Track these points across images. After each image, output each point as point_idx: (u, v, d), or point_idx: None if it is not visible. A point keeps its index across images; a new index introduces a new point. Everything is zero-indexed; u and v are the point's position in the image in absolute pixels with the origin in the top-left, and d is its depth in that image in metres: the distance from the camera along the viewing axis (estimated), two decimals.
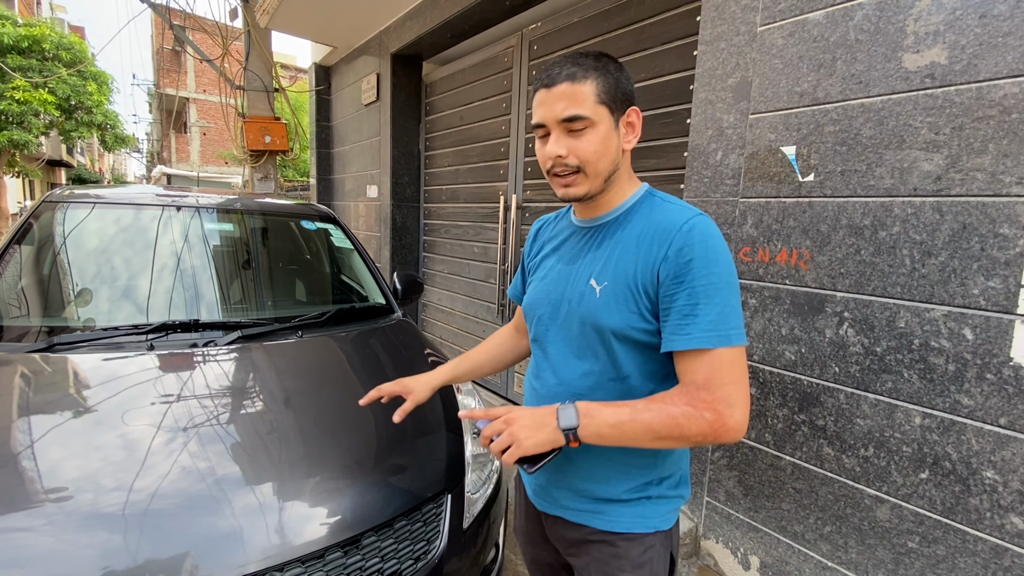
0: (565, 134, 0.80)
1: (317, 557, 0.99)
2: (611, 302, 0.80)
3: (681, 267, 0.76)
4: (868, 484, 1.45)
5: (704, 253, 0.76)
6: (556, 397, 0.84)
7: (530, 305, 0.95)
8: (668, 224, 0.79)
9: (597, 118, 0.79)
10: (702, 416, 0.72)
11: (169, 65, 21.55)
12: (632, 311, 0.79)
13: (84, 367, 1.38)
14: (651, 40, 2.29)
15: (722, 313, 0.74)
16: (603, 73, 0.81)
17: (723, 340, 0.74)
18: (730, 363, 0.74)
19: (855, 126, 1.42)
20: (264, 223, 2.17)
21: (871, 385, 1.42)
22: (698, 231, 0.77)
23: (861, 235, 1.42)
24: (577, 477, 0.87)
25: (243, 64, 4.93)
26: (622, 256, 0.82)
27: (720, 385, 0.73)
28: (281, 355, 1.56)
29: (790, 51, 1.54)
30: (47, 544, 0.90)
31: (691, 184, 1.84)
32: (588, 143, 0.80)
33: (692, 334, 0.74)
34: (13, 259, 1.65)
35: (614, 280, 0.81)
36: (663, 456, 0.88)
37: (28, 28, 11.41)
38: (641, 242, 0.81)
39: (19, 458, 1.06)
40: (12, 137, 11.13)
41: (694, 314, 0.74)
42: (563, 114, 0.79)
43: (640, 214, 0.85)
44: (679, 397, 0.74)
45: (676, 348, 0.75)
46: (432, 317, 4.32)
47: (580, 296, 0.84)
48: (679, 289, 0.76)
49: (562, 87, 0.79)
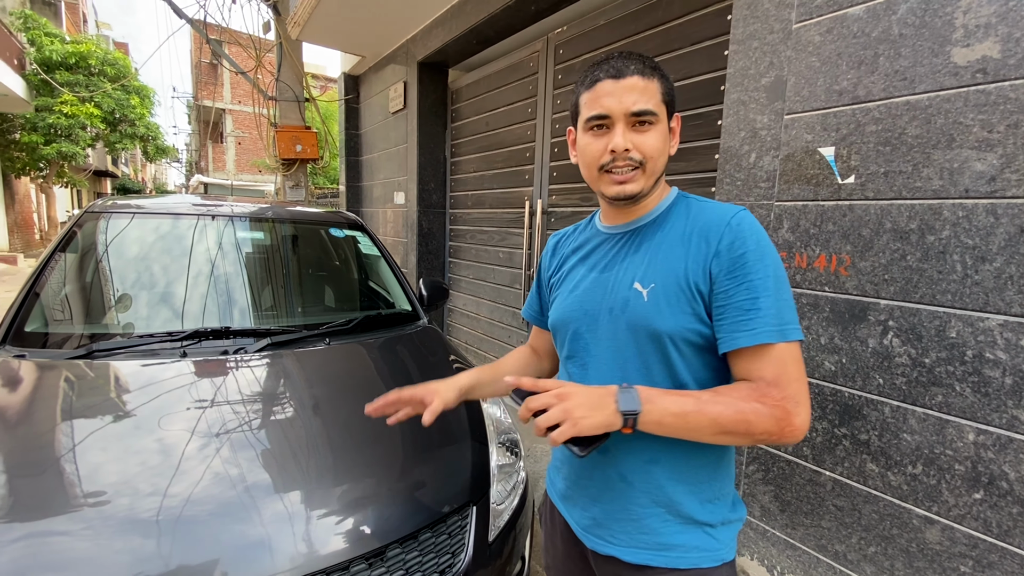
0: (629, 128, 0.78)
1: (342, 569, 0.98)
2: (662, 304, 0.76)
3: (734, 261, 0.73)
4: (916, 503, 1.37)
5: (756, 246, 0.74)
6: None
7: (562, 320, 0.89)
8: (715, 220, 0.77)
9: (661, 116, 0.79)
10: (772, 414, 0.68)
11: (207, 78, 22.37)
12: (685, 312, 0.76)
13: (120, 373, 1.42)
14: (680, 41, 2.24)
15: (781, 307, 0.72)
16: (662, 74, 0.80)
17: (785, 334, 0.71)
18: (793, 360, 0.71)
19: (899, 125, 1.35)
20: (293, 231, 2.21)
21: (919, 398, 1.35)
22: (747, 224, 0.75)
23: (907, 239, 1.35)
24: (638, 504, 0.80)
25: (275, 75, 5.06)
26: (668, 256, 0.79)
27: (788, 382, 0.70)
28: (309, 362, 1.58)
29: (828, 48, 1.48)
30: (83, 549, 0.92)
31: (723, 187, 1.78)
32: (654, 139, 0.78)
33: (757, 329, 0.71)
34: (57, 267, 1.72)
35: (663, 281, 0.77)
36: (724, 468, 0.83)
37: (75, 45, 12.00)
38: (687, 240, 0.78)
39: (57, 462, 1.09)
40: (61, 149, 11.69)
41: (756, 307, 0.71)
42: (634, 107, 0.76)
43: (677, 215, 0.83)
44: (748, 392, 0.70)
45: (742, 345, 0.71)
46: (458, 322, 4.33)
47: (624, 303, 0.80)
48: (735, 284, 0.73)
49: (633, 80, 0.77)
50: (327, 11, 3.80)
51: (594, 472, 0.84)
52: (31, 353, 1.45)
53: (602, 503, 0.83)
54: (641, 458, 0.80)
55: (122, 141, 13.80)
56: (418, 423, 0.90)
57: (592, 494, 0.85)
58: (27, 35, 11.53)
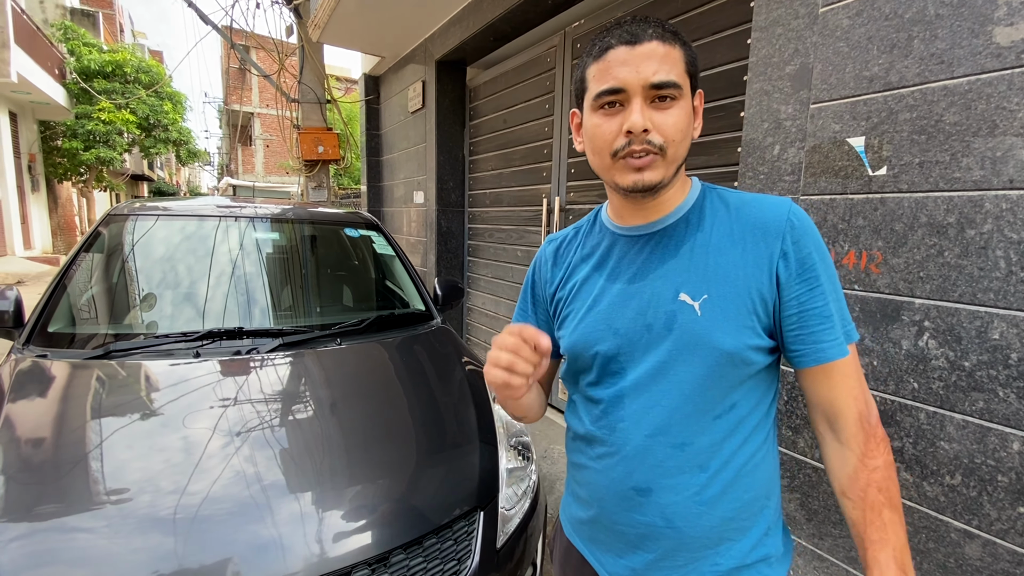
0: (648, 104, 0.64)
1: (344, 574, 0.96)
2: (719, 318, 0.65)
3: (802, 263, 0.65)
4: (955, 516, 1.28)
5: (817, 244, 0.67)
6: (648, 453, 0.69)
7: (583, 342, 0.74)
8: (771, 215, 0.67)
9: (685, 90, 0.65)
10: (891, 451, 0.68)
11: (236, 83, 22.95)
12: (747, 326, 0.66)
13: (135, 373, 1.44)
14: (700, 31, 2.17)
15: (845, 307, 0.68)
16: (684, 40, 0.67)
17: (852, 336, 0.68)
18: (859, 365, 0.69)
19: (936, 112, 1.26)
20: (307, 231, 2.22)
21: (958, 404, 1.26)
22: (804, 219, 0.67)
23: (944, 234, 1.26)
24: (689, 550, 0.69)
25: (297, 78, 5.13)
26: (720, 260, 0.67)
27: (870, 400, 0.68)
28: (320, 363, 1.58)
29: (857, 32, 1.40)
30: (101, 545, 0.93)
31: (745, 181, 1.71)
32: (676, 119, 0.64)
33: (839, 339, 0.66)
34: (80, 269, 1.76)
35: (719, 291, 0.66)
36: (773, 486, 0.75)
37: (112, 54, 12.46)
38: (740, 240, 0.67)
39: (72, 461, 1.11)
40: (99, 154, 12.16)
41: (831, 315, 0.66)
42: (654, 77, 0.63)
43: (714, 210, 0.71)
44: (870, 445, 0.67)
45: (832, 359, 0.66)
46: (476, 321, 4.31)
47: (670, 318, 0.67)
48: (807, 289, 0.65)
49: (652, 45, 0.63)
50: (345, 12, 3.82)
51: (633, 516, 0.71)
52: (52, 353, 1.49)
53: (643, 551, 0.71)
54: (691, 500, 0.68)
55: (156, 146, 14.28)
56: (422, 425, 0.87)
57: (632, 541, 0.72)
58: (67, 45, 12.02)
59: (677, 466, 0.68)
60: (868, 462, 0.66)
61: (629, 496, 0.70)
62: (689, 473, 0.67)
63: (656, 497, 0.69)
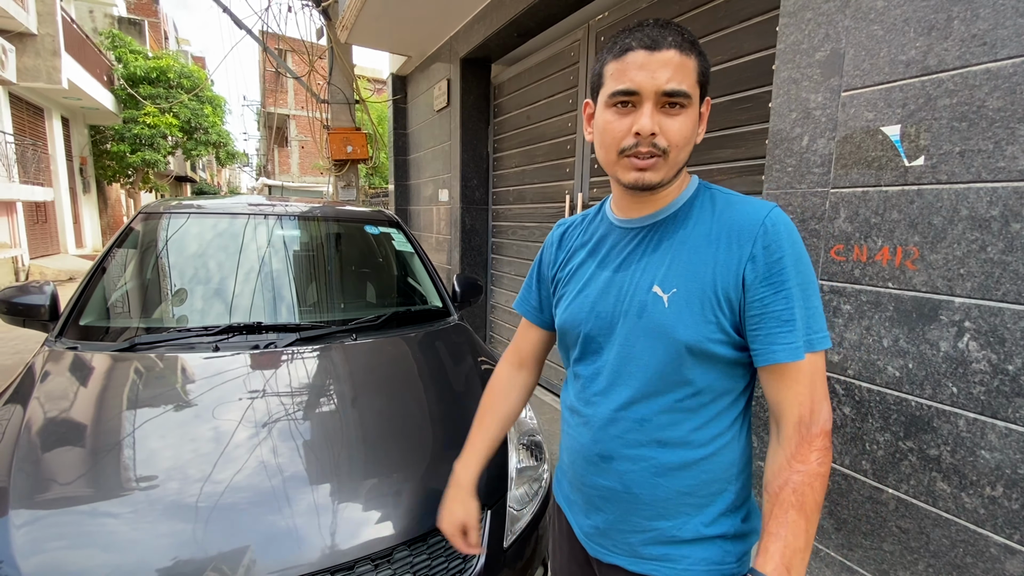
0: (658, 109, 0.69)
1: (347, 568, 0.97)
2: (684, 312, 0.70)
3: (771, 267, 0.68)
4: (996, 530, 1.19)
5: (793, 250, 0.69)
6: (612, 425, 0.77)
7: (571, 322, 0.83)
8: (747, 219, 0.70)
9: (694, 99, 0.71)
10: (825, 462, 0.68)
11: (272, 86, 23.62)
12: (709, 321, 0.70)
13: (157, 366, 1.49)
14: (728, 19, 2.09)
15: (816, 315, 0.69)
16: (700, 51, 0.71)
17: (817, 344, 0.69)
18: (820, 373, 0.70)
19: (978, 97, 1.17)
20: (328, 229, 2.25)
21: (1000, 411, 1.17)
22: (783, 225, 0.70)
23: (987, 228, 1.17)
24: (643, 516, 0.77)
25: (327, 79, 5.23)
26: (692, 258, 0.72)
27: (820, 408, 0.69)
28: (335, 358, 1.60)
29: (893, 13, 1.31)
30: (125, 531, 0.96)
31: (772, 174, 1.63)
32: (682, 126, 0.70)
33: (795, 343, 0.67)
34: (111, 265, 1.83)
35: (687, 286, 0.71)
36: (738, 472, 0.78)
37: (156, 60, 13.01)
38: (715, 241, 0.71)
39: (93, 450, 1.15)
40: (145, 157, 12.73)
41: (792, 319, 0.67)
42: (667, 85, 0.67)
43: (701, 210, 0.75)
44: (801, 450, 0.68)
45: (780, 360, 0.68)
46: (499, 319, 4.30)
47: (641, 307, 0.74)
48: (772, 292, 0.68)
49: (670, 53, 0.67)
50: (372, 13, 3.87)
51: (597, 480, 0.80)
52: (82, 345, 1.55)
53: (604, 512, 0.80)
54: (647, 470, 0.75)
55: (197, 148, 14.85)
56: (431, 422, 0.86)
57: (595, 503, 0.82)
58: (115, 53, 12.61)
59: (636, 439, 0.75)
60: (794, 464, 0.68)
61: (595, 462, 0.79)
62: (647, 447, 0.74)
63: (616, 465, 0.77)
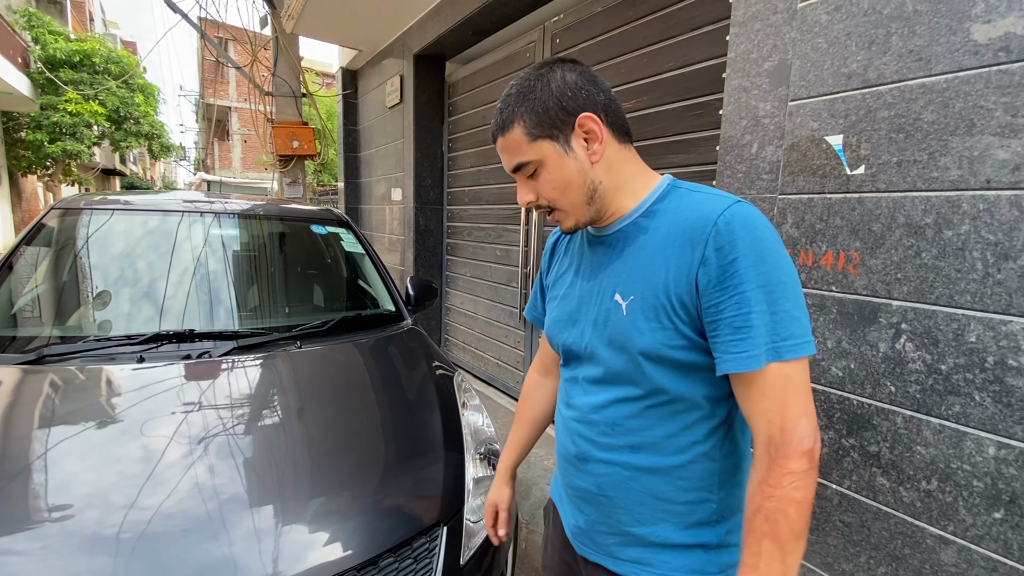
0: (526, 178, 0.76)
1: None
2: (639, 319, 0.69)
3: (724, 270, 0.63)
4: (931, 522, 1.26)
5: (750, 249, 0.62)
6: (589, 425, 0.78)
7: (553, 331, 0.86)
8: (700, 219, 0.66)
9: (540, 155, 0.73)
10: (803, 487, 0.61)
11: (212, 76, 22.40)
12: (666, 328, 0.68)
13: (78, 379, 1.33)
14: (680, 26, 2.13)
15: (785, 320, 0.62)
16: (526, 103, 0.72)
17: (786, 352, 0.62)
18: (798, 385, 0.63)
19: (914, 110, 1.23)
20: (271, 228, 2.11)
21: (934, 408, 1.23)
22: (739, 222, 0.63)
23: (922, 235, 1.23)
24: (620, 520, 0.76)
25: (271, 70, 4.99)
26: (648, 263, 0.70)
27: (794, 426, 0.62)
28: (278, 367, 1.48)
29: (836, 28, 1.37)
30: (32, 570, 0.85)
31: (723, 180, 1.67)
32: (544, 184, 0.74)
33: (749, 351, 0.62)
34: (19, 265, 1.64)
35: (642, 292, 0.69)
36: (721, 483, 0.73)
37: (80, 43, 12.02)
38: (669, 244, 0.68)
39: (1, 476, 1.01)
40: (65, 147, 11.71)
41: (747, 326, 0.62)
42: (512, 164, 0.76)
43: (664, 212, 0.73)
44: (772, 473, 0.62)
45: (730, 371, 0.64)
46: (455, 321, 4.24)
47: (606, 315, 0.74)
48: (726, 297, 0.63)
49: (500, 141, 0.76)
50: (320, 3, 3.71)
51: (576, 481, 0.82)
52: None
53: (585, 513, 0.81)
54: (620, 473, 0.75)
55: (127, 139, 13.82)
56: (382, 434, 0.81)
57: (576, 503, 0.83)
58: (31, 33, 11.55)
59: (609, 443, 0.75)
60: (765, 488, 0.63)
61: (574, 462, 0.81)
62: (619, 451, 0.75)
63: (591, 467, 0.78)
